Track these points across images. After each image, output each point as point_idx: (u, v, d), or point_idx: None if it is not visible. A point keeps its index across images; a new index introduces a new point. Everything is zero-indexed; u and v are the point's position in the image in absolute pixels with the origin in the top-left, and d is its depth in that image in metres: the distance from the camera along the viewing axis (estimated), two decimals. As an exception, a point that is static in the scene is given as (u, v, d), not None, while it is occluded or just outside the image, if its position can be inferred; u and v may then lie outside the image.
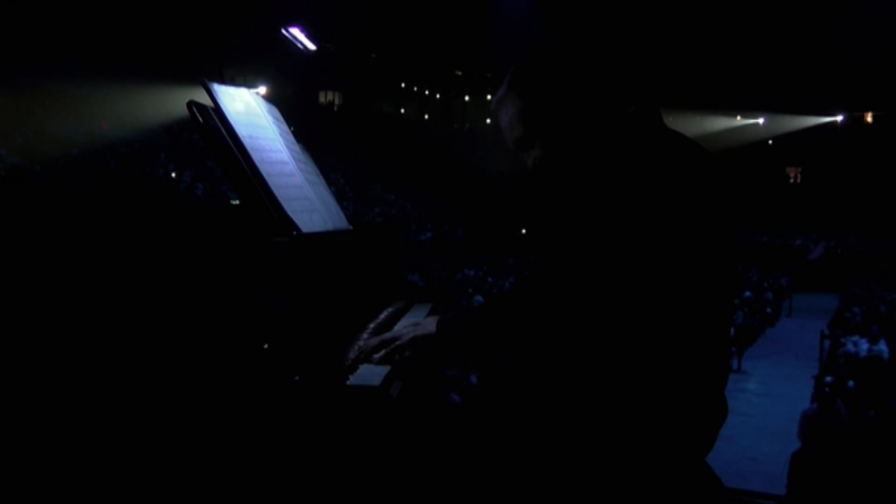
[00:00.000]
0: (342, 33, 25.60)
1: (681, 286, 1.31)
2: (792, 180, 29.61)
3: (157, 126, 18.19)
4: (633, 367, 1.33)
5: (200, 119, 1.62)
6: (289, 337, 1.38)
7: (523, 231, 22.60)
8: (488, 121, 29.81)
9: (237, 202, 1.75)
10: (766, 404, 9.86)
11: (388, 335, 1.55)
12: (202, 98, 1.66)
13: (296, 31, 22.95)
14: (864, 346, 9.36)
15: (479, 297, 13.08)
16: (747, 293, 15.84)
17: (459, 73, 29.90)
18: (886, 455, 4.97)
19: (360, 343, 1.63)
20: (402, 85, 30.49)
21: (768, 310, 16.16)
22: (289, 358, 1.35)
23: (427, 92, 31.53)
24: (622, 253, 1.29)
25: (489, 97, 29.68)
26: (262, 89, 20.55)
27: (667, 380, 1.34)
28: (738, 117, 28.42)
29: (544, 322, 1.35)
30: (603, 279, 1.29)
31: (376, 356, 1.51)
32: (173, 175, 17.18)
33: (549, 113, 1.42)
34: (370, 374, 1.45)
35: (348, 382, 1.41)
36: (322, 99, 29.71)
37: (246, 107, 1.73)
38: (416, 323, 1.56)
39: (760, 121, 28.67)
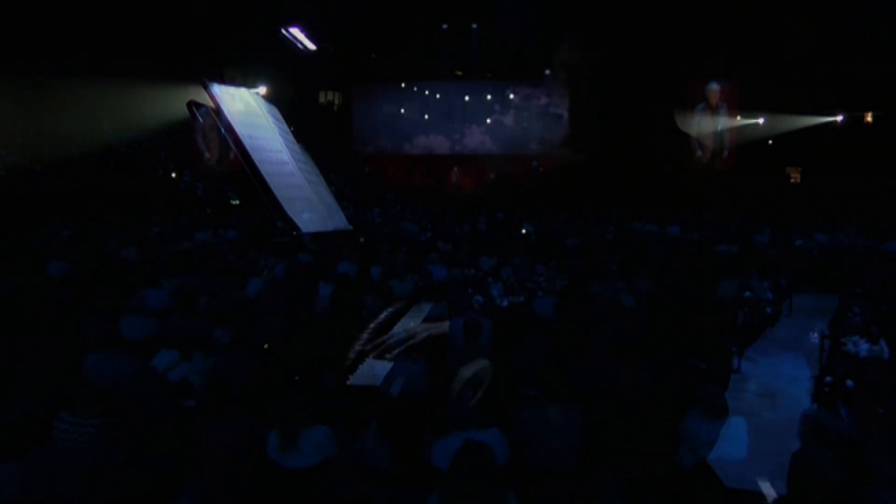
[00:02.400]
0: (342, 33, 25.59)
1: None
2: (792, 180, 29.57)
3: (157, 126, 18.18)
4: (636, 368, 1.34)
5: (200, 119, 1.63)
6: (289, 337, 1.39)
7: (523, 231, 22.59)
8: (488, 121, 29.80)
9: (237, 202, 1.75)
10: (766, 404, 9.83)
11: (403, 334, 1.57)
12: (202, 98, 1.66)
13: (296, 31, 22.94)
14: (864, 346, 9.37)
15: (479, 298, 13.08)
16: (747, 293, 15.79)
17: (459, 73, 29.84)
18: (886, 455, 4.97)
19: (364, 339, 1.65)
20: (402, 85, 30.46)
21: (768, 310, 16.11)
22: (289, 358, 1.35)
23: (427, 92, 31.48)
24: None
25: (489, 97, 29.72)
26: (262, 89, 20.52)
27: (669, 381, 1.34)
28: (738, 117, 28.37)
29: (555, 328, 1.37)
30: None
31: (389, 354, 1.54)
32: (173, 175, 17.17)
33: None
34: (370, 374, 1.46)
35: (348, 382, 1.42)
36: (322, 99, 29.69)
37: (246, 107, 1.73)
38: (428, 325, 1.58)
39: (760, 121, 28.63)
